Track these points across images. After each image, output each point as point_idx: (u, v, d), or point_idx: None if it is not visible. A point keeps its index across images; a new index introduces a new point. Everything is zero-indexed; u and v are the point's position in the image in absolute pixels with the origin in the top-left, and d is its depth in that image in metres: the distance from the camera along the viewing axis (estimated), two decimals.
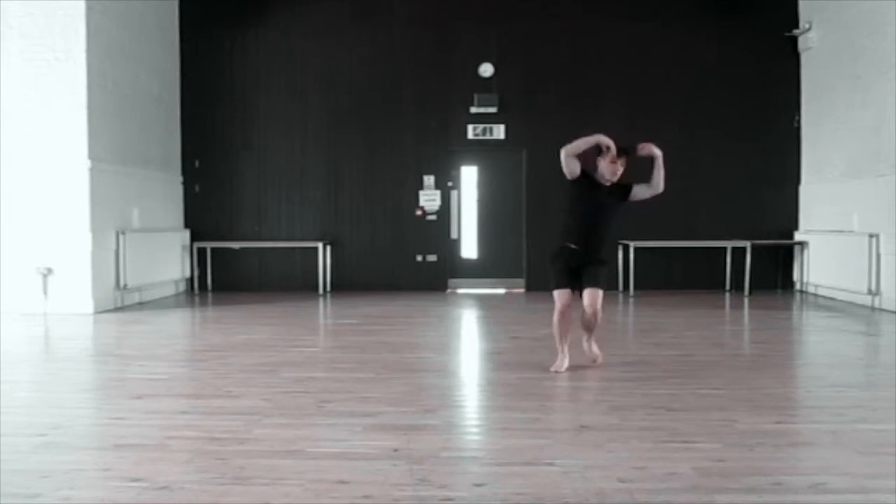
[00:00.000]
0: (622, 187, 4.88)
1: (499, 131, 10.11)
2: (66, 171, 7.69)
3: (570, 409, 3.88)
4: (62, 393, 4.44)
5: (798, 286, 9.82)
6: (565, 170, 4.85)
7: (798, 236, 9.84)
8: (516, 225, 10.31)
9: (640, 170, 4.98)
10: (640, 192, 4.90)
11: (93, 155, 7.78)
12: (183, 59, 10.04)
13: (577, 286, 4.84)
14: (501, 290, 10.24)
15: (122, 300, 8.36)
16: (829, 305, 8.42)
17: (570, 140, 4.91)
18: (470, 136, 10.13)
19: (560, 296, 4.80)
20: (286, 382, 4.55)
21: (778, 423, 3.67)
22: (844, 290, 8.58)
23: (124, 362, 5.32)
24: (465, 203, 10.47)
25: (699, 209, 10.00)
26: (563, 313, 4.79)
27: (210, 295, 9.75)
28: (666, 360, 5.30)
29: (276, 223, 10.23)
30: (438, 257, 10.23)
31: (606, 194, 4.84)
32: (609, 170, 4.82)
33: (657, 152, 4.77)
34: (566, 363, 4.82)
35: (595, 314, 4.81)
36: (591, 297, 4.78)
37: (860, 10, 8.44)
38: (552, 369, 4.76)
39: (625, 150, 4.87)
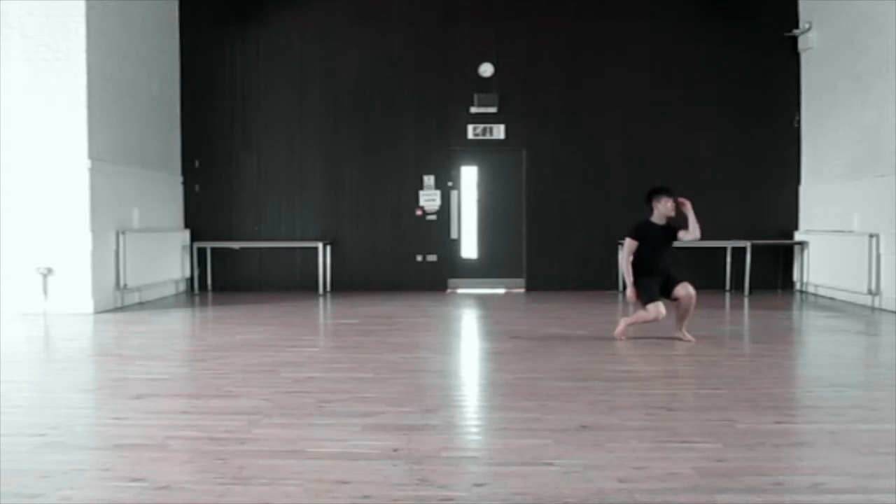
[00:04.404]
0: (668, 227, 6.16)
1: (499, 131, 10.11)
2: (66, 171, 7.69)
3: (570, 409, 3.87)
4: (62, 393, 4.44)
5: (798, 286, 9.83)
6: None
7: (798, 236, 9.84)
8: (516, 225, 10.31)
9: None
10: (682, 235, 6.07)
11: (93, 155, 7.79)
12: (183, 59, 10.05)
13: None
14: (501, 290, 10.24)
15: (122, 300, 8.36)
16: (829, 305, 8.41)
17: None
18: (470, 136, 10.13)
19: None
20: (286, 382, 4.55)
21: (778, 423, 3.67)
22: (844, 290, 8.58)
23: (124, 362, 5.32)
24: (465, 203, 10.47)
25: (699, 209, 9.94)
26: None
27: (210, 295, 9.75)
28: (666, 359, 5.30)
29: (276, 223, 10.23)
30: (438, 257, 10.23)
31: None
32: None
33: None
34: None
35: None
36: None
37: (860, 10, 8.44)
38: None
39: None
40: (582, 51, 10.07)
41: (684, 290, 5.87)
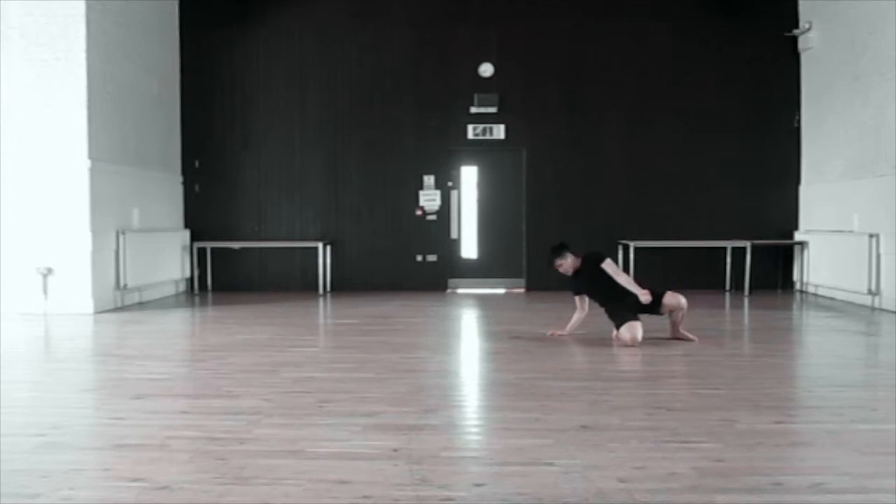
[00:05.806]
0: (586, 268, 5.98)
1: (499, 131, 10.11)
2: (66, 171, 7.69)
3: (570, 409, 3.87)
4: (62, 393, 4.44)
5: (798, 286, 9.82)
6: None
7: (798, 236, 9.84)
8: (516, 225, 10.31)
9: None
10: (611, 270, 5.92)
11: (93, 155, 7.79)
12: (183, 59, 10.04)
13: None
14: (501, 290, 10.24)
15: (122, 300, 8.36)
16: (829, 305, 8.41)
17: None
18: (470, 136, 10.13)
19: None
20: (286, 382, 4.55)
21: (778, 423, 3.67)
22: (844, 290, 8.58)
23: (124, 362, 5.32)
24: (465, 203, 10.47)
25: (699, 209, 10.01)
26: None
27: (210, 295, 9.75)
28: (666, 359, 5.30)
29: (276, 223, 10.23)
30: (438, 257, 10.23)
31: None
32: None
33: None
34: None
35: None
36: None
37: (860, 10, 8.44)
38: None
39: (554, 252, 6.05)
40: (582, 51, 10.07)
41: (673, 299, 5.83)
